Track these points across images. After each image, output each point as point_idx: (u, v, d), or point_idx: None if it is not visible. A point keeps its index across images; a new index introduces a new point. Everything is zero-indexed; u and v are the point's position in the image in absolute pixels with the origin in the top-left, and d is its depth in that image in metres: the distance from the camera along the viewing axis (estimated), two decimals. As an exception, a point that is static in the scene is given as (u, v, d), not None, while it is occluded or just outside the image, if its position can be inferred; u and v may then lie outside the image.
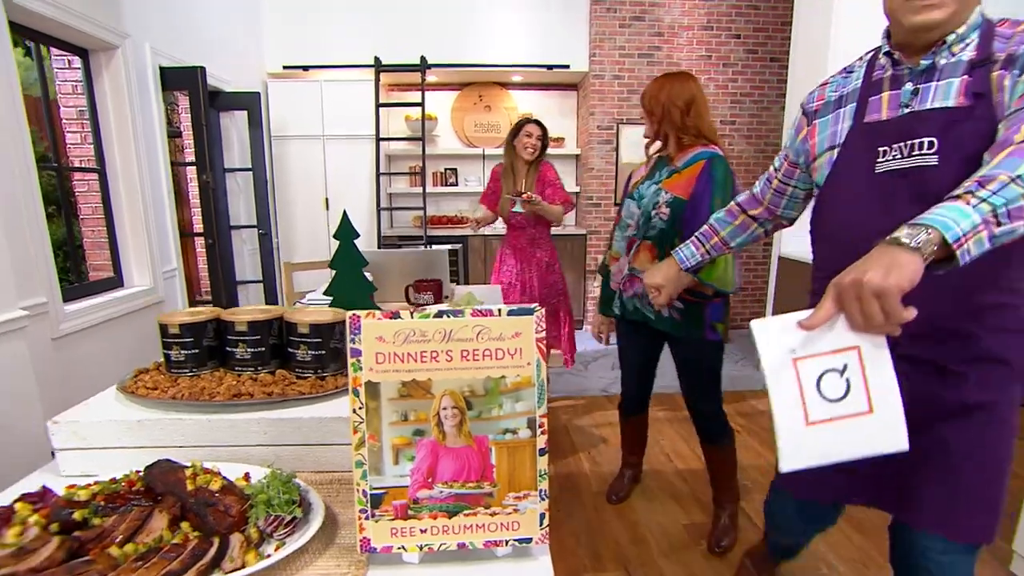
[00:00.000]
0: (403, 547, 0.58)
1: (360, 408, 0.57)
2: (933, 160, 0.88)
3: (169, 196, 2.98)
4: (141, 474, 0.67)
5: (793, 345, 0.71)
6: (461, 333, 0.58)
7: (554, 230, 5.00)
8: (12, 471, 1.74)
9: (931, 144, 0.89)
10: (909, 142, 0.91)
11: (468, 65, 4.61)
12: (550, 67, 4.63)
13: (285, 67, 4.41)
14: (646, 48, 4.58)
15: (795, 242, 3.73)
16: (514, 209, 2.72)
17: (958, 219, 0.70)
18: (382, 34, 4.48)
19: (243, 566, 0.56)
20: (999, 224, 0.70)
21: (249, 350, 0.86)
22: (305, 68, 4.43)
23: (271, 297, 3.88)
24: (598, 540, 1.91)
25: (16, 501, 0.63)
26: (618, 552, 1.85)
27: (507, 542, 0.59)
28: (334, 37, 4.46)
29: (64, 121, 2.60)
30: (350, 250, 1.26)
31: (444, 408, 0.58)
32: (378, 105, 4.38)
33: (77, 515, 0.61)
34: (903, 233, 0.71)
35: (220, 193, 3.18)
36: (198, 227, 3.56)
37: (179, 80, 2.98)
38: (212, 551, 0.57)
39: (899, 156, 0.93)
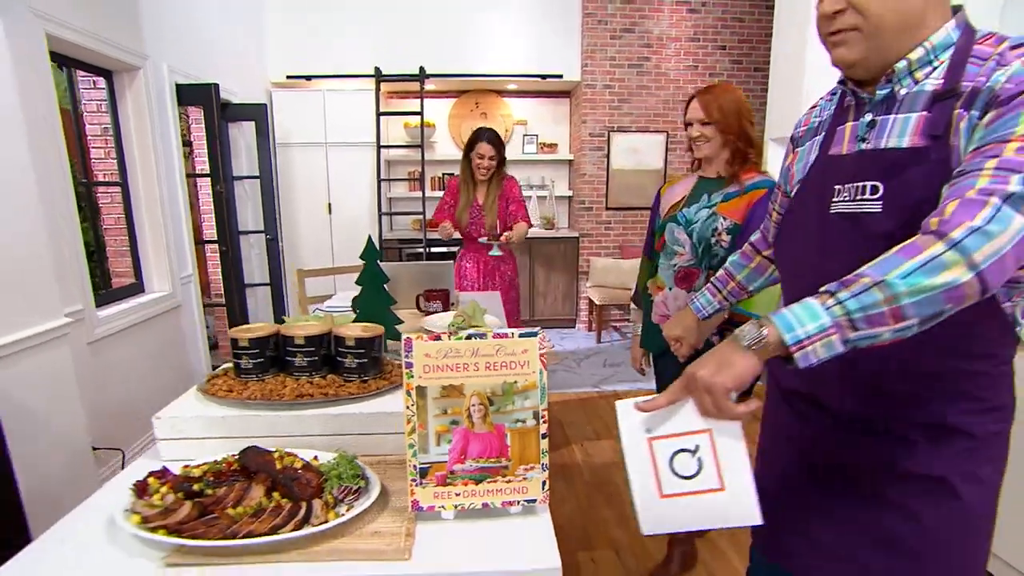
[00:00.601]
0: (442, 507, 0.79)
1: (412, 405, 0.78)
2: (877, 207, 0.79)
3: (185, 206, 3.16)
4: (236, 457, 0.88)
5: (649, 425, 0.77)
6: (485, 350, 0.79)
7: (549, 233, 5.21)
8: (59, 465, 1.93)
9: (875, 189, 0.80)
10: (857, 184, 0.82)
11: (465, 75, 4.79)
12: (544, 76, 4.83)
13: (289, 77, 4.58)
14: (636, 59, 4.79)
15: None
16: (491, 253, 2.68)
17: (805, 320, 0.68)
18: (382, 45, 4.65)
19: (326, 522, 0.76)
20: (854, 329, 0.66)
21: (305, 359, 1.06)
22: (308, 78, 4.60)
23: (278, 300, 4.07)
24: (589, 523, 2.14)
25: (147, 477, 0.83)
26: (608, 534, 2.07)
27: (519, 502, 0.80)
28: (335, 48, 4.63)
29: (89, 138, 2.78)
30: (374, 269, 1.46)
31: (473, 404, 0.79)
32: (379, 114, 4.56)
33: (196, 487, 0.81)
34: (744, 329, 0.72)
35: (232, 202, 3.36)
36: (208, 232, 3.74)
37: (194, 96, 3.16)
38: (302, 511, 0.77)
39: (848, 198, 0.84)
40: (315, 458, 0.90)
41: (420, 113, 4.64)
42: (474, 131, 2.69)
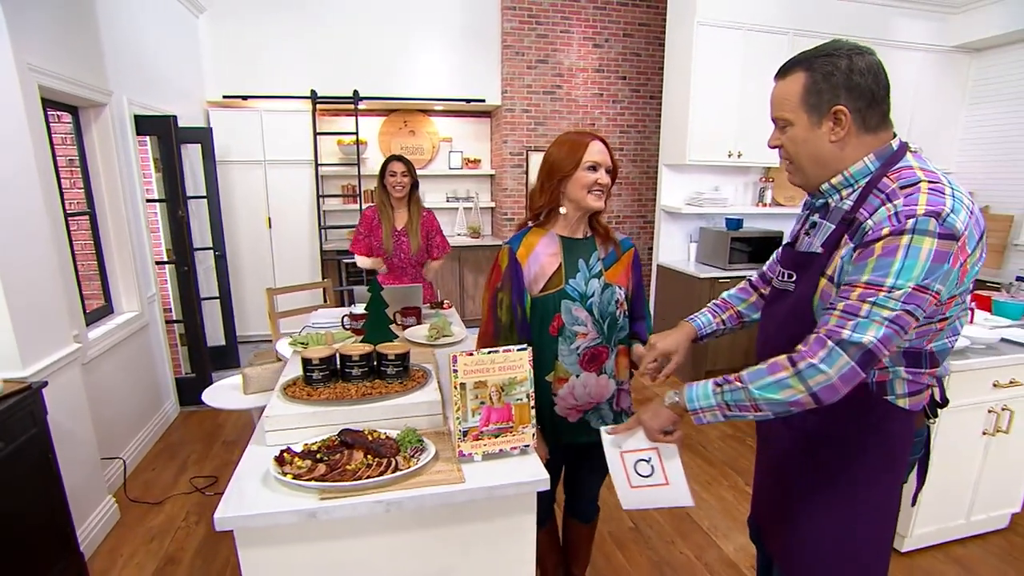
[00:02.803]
0: (475, 453, 1.33)
1: (458, 393, 1.31)
2: (791, 287, 1.21)
3: (147, 230, 3.36)
4: (336, 436, 1.35)
5: (619, 444, 1.31)
6: (498, 359, 1.33)
7: (476, 241, 5.75)
8: (79, 475, 2.20)
9: (790, 276, 1.22)
10: (785, 270, 1.24)
11: (396, 98, 5.19)
12: (468, 101, 5.33)
13: (225, 96, 4.73)
14: (549, 86, 5.42)
15: (672, 252, 4.71)
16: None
17: (700, 397, 1.10)
18: (316, 67, 4.93)
19: (409, 467, 1.27)
20: (729, 409, 1.07)
21: (359, 370, 1.54)
22: (244, 98, 4.78)
23: (227, 312, 4.28)
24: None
25: (281, 453, 1.29)
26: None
27: (519, 447, 1.36)
28: (272, 70, 4.84)
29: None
30: (378, 300, 1.93)
31: (492, 391, 1.33)
32: (316, 134, 4.85)
33: (318, 455, 1.29)
34: (669, 393, 1.18)
35: (189, 224, 3.57)
36: (157, 252, 3.90)
37: (152, 127, 3.36)
38: (394, 462, 1.28)
39: (781, 278, 1.26)
40: (386, 434, 1.40)
41: (356, 133, 4.99)
42: (385, 159, 2.84)
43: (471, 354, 1.32)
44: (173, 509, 2.60)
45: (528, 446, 1.37)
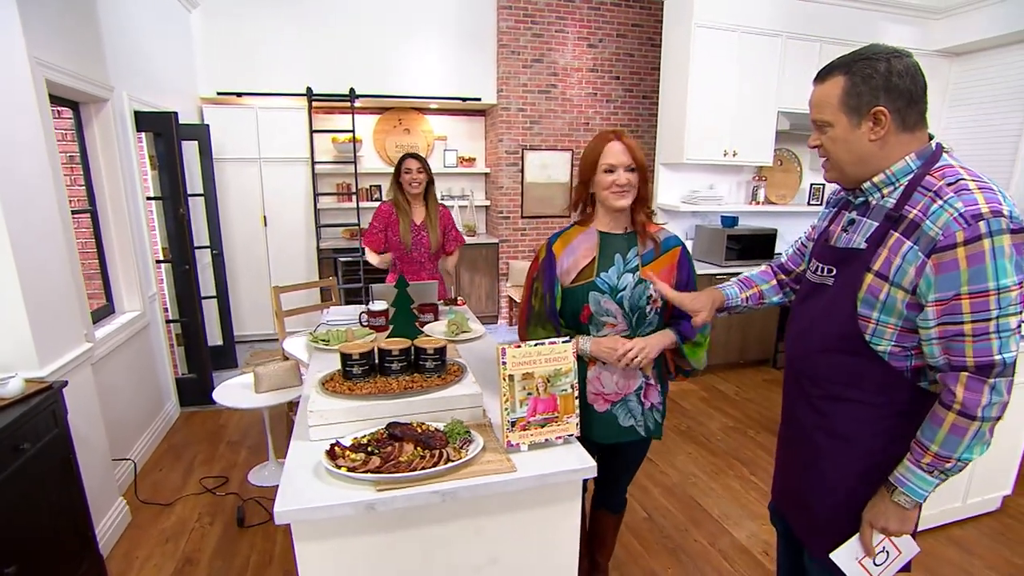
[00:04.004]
0: (522, 443, 1.36)
1: (506, 384, 1.33)
2: (830, 281, 1.23)
3: (147, 228, 3.31)
4: (383, 430, 1.37)
5: (855, 555, 1.25)
6: (544, 352, 1.36)
7: (471, 240, 5.78)
8: (92, 477, 2.16)
9: (829, 270, 1.24)
10: (824, 264, 1.25)
11: (393, 96, 5.17)
12: (465, 99, 5.35)
13: (220, 93, 4.67)
14: (544, 85, 5.47)
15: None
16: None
17: (924, 486, 1.13)
18: (312, 65, 4.91)
19: (460, 458, 1.29)
20: (946, 476, 1.15)
21: (398, 364, 1.56)
22: (239, 94, 4.72)
23: (224, 310, 4.23)
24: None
25: (332, 447, 1.30)
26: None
27: (564, 437, 1.40)
28: (267, 67, 4.80)
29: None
30: (404, 296, 1.95)
31: (538, 383, 1.36)
32: (312, 132, 4.82)
33: (369, 448, 1.31)
34: (901, 500, 1.16)
35: (189, 222, 3.52)
36: (155, 250, 3.83)
37: (152, 123, 3.30)
38: (446, 453, 1.30)
39: (819, 273, 1.27)
40: (435, 427, 1.42)
41: (352, 131, 4.96)
42: (399, 157, 2.85)
43: (519, 346, 1.35)
44: (185, 510, 2.58)
45: (572, 435, 1.41)
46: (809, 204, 4.91)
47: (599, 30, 5.43)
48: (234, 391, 2.68)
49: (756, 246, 4.31)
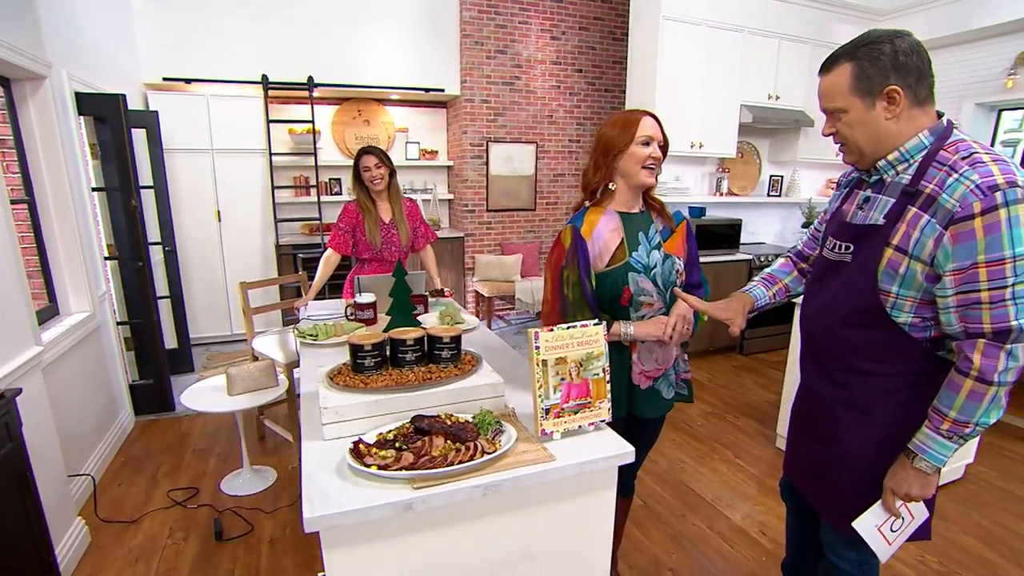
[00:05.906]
0: (555, 431, 1.30)
1: (540, 370, 1.27)
2: (848, 259, 1.25)
3: (94, 222, 3.02)
4: (408, 423, 1.28)
5: (874, 522, 1.28)
6: (576, 335, 1.31)
7: (436, 233, 5.61)
8: (50, 485, 1.95)
9: (847, 247, 1.26)
10: (841, 242, 1.26)
11: (353, 85, 4.97)
12: (428, 90, 5.22)
13: (166, 79, 4.35)
14: (508, 77, 5.41)
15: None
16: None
17: (943, 450, 1.15)
18: (267, 52, 4.64)
19: (496, 450, 1.22)
20: (963, 441, 1.16)
21: (412, 355, 1.46)
22: (188, 81, 4.41)
23: (179, 311, 3.94)
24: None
25: (356, 445, 1.20)
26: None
27: (597, 423, 1.35)
28: (218, 52, 4.50)
29: (-15, 152, 2.56)
30: (403, 285, 1.85)
31: (571, 367, 1.31)
32: (268, 121, 4.56)
33: (397, 444, 1.21)
34: (920, 464, 1.18)
35: (142, 216, 3.24)
36: (102, 247, 3.51)
37: (96, 106, 3.02)
38: (479, 445, 1.22)
39: (836, 250, 1.29)
40: (465, 418, 1.33)
41: (311, 122, 4.74)
42: (355, 154, 2.71)
43: (551, 330, 1.29)
44: (153, 527, 2.36)
45: (604, 421, 1.36)
46: (768, 195, 5.09)
47: (562, 22, 5.42)
48: (204, 395, 2.48)
49: (724, 236, 4.41)
